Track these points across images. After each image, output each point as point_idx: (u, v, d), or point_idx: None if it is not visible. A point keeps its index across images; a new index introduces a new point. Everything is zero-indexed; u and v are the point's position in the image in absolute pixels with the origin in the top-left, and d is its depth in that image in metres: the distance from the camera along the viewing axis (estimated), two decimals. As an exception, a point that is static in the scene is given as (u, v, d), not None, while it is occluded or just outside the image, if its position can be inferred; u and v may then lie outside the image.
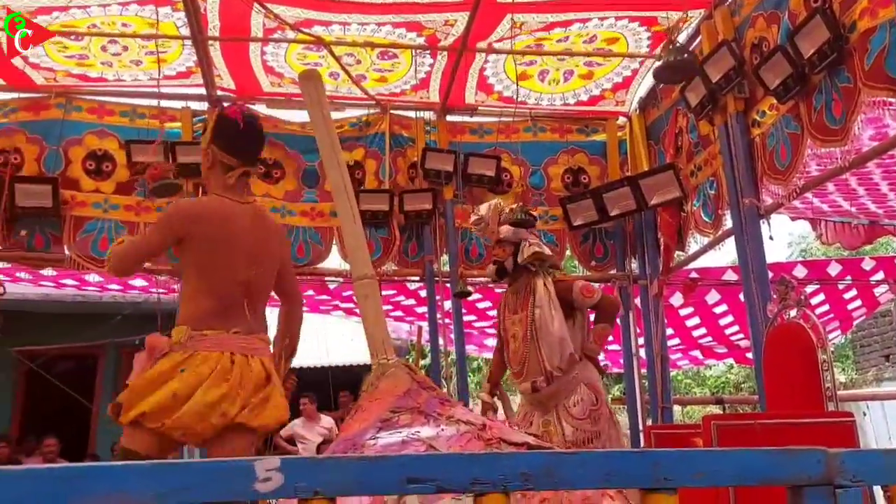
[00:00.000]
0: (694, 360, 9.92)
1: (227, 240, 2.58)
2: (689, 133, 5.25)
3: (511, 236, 4.00)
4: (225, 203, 2.63)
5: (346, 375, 9.15)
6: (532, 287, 3.90)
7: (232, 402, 2.39)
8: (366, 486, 1.12)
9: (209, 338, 2.46)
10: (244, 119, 2.65)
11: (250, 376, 2.44)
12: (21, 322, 9.19)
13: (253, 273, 2.58)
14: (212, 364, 2.41)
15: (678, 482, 1.06)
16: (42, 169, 5.39)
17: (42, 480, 1.02)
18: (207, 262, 2.56)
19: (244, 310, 2.54)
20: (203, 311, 2.50)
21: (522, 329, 3.90)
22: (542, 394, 3.79)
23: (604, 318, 3.91)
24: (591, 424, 3.67)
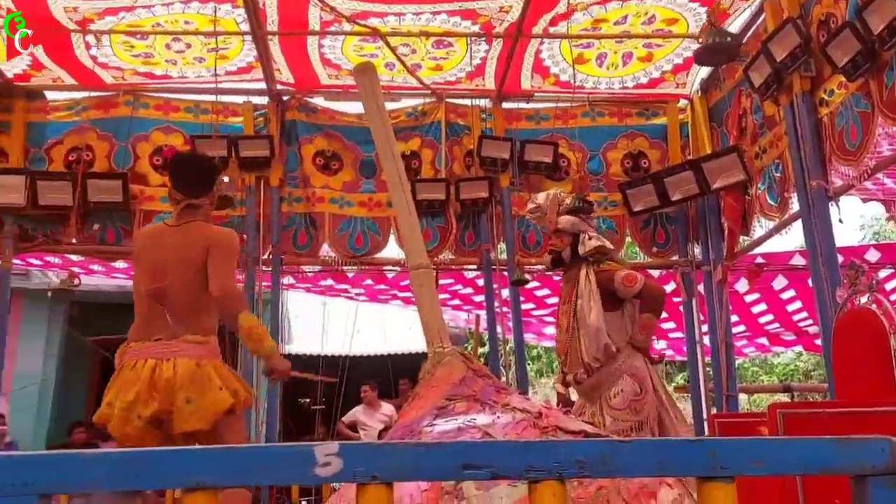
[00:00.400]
0: (760, 348, 9.67)
1: (137, 261, 3.06)
2: (753, 114, 5.10)
3: (569, 227, 3.98)
4: (155, 228, 3.14)
5: (405, 363, 9.24)
6: (578, 277, 3.89)
7: (145, 404, 2.70)
8: (422, 471, 1.13)
9: (132, 349, 2.84)
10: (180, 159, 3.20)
11: (162, 379, 2.71)
12: (95, 313, 9.61)
13: (164, 283, 2.86)
14: (127, 372, 2.77)
15: (735, 471, 1.04)
16: (112, 165, 5.60)
17: (118, 463, 1.07)
18: (133, 280, 3.04)
19: (165, 318, 2.81)
20: (132, 327, 2.92)
21: (566, 320, 3.91)
22: (584, 385, 3.79)
23: (648, 307, 3.84)
24: (632, 415, 3.64)
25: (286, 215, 5.76)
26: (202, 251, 2.93)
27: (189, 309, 2.90)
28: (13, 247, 5.39)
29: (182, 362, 2.77)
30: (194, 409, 2.73)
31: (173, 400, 2.72)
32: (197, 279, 2.91)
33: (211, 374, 2.80)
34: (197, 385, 2.75)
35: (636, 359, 3.79)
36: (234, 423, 2.88)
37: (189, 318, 2.88)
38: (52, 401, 9.47)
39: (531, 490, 1.10)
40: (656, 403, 3.74)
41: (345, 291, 7.61)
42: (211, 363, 2.85)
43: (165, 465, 1.07)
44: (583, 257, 3.91)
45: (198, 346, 2.84)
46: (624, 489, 1.68)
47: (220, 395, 2.78)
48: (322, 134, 5.90)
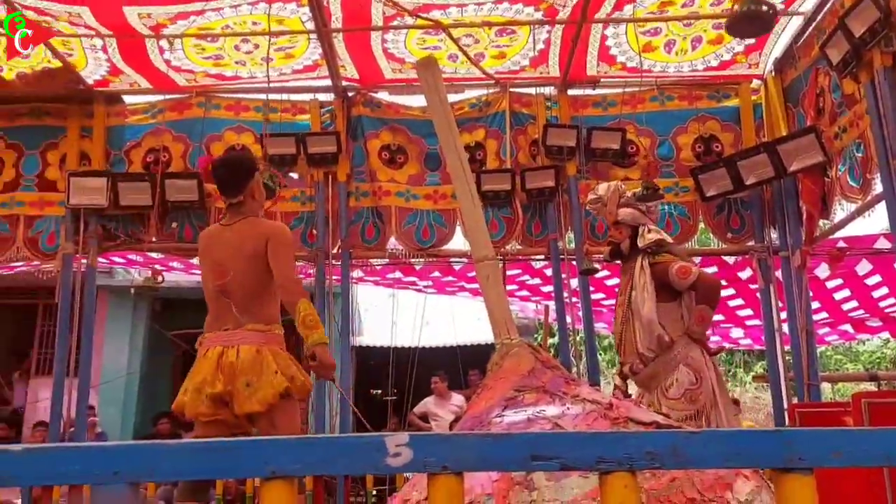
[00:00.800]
0: (844, 335, 9.32)
1: (202, 260, 3.37)
2: (831, 93, 4.89)
3: (630, 219, 4.01)
4: (213, 228, 3.40)
5: (474, 354, 9.27)
6: (634, 269, 3.94)
7: (210, 385, 2.96)
8: (491, 462, 1.14)
9: (206, 340, 3.13)
10: (213, 165, 3.37)
11: (230, 364, 2.97)
12: (177, 308, 9.98)
13: (227, 279, 3.11)
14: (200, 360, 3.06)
15: (813, 462, 1.01)
16: (187, 165, 5.80)
17: (200, 452, 1.12)
18: (202, 279, 3.32)
19: (231, 310, 3.07)
20: (206, 320, 3.21)
21: (622, 311, 3.96)
22: (640, 376, 3.83)
23: (702, 299, 3.85)
24: (688, 404, 3.66)
25: (354, 210, 5.85)
26: (257, 245, 3.13)
27: (251, 300, 3.10)
28: (97, 246, 5.65)
29: (244, 348, 2.99)
30: (252, 392, 2.94)
31: (235, 383, 2.95)
32: (254, 272, 3.12)
33: (269, 360, 2.99)
34: (256, 370, 2.96)
35: (693, 349, 3.79)
36: (289, 407, 3.04)
37: (252, 308, 3.09)
38: (137, 393, 9.89)
39: (602, 481, 1.10)
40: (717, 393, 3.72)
41: (413, 284, 7.69)
42: (270, 349, 3.04)
43: (243, 455, 1.11)
44: (641, 249, 3.94)
45: (259, 334, 3.05)
46: (698, 480, 1.66)
47: (276, 378, 2.96)
48: (387, 128, 5.96)
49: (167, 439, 4.65)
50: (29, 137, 5.85)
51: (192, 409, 3.02)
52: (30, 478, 1.06)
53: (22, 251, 5.68)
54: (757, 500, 1.70)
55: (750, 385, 15.07)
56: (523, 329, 9.42)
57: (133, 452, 1.10)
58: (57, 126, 5.87)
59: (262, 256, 3.14)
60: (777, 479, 1.04)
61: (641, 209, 4.10)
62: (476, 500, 1.72)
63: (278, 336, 3.16)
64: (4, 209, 5.71)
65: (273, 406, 2.96)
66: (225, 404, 3.01)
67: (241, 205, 3.27)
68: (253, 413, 2.97)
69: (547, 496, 1.66)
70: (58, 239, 5.66)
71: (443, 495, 1.10)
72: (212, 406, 2.99)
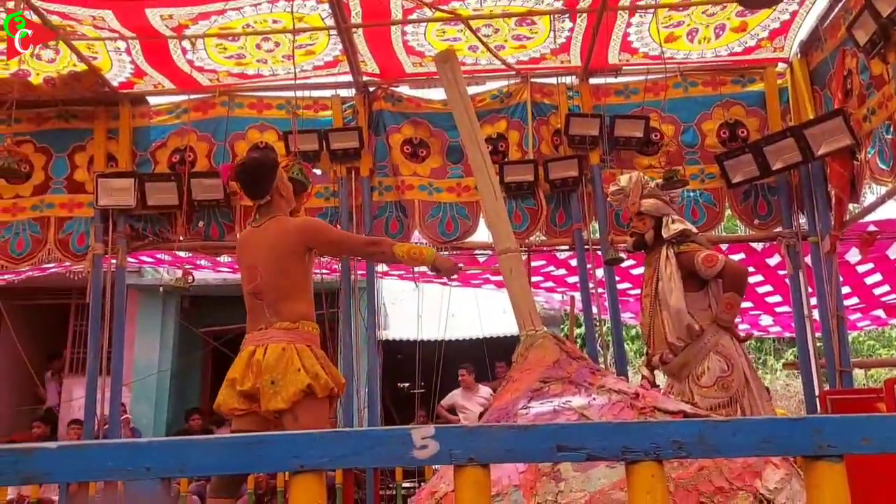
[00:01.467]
0: (876, 321, 9.18)
1: (239, 261, 3.43)
2: (859, 74, 4.80)
3: (653, 210, 4.02)
4: (245, 233, 3.43)
5: (501, 346, 9.28)
6: (659, 259, 3.95)
7: (241, 382, 3.05)
8: (518, 453, 1.15)
9: (245, 339, 3.20)
10: (235, 170, 3.44)
11: (257, 362, 3.04)
12: (205, 305, 10.11)
13: (259, 280, 3.18)
14: (237, 359, 3.15)
15: (843, 449, 1.00)
16: (212, 164, 5.85)
17: (231, 447, 1.14)
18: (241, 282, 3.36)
19: (264, 311, 3.14)
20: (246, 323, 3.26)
21: (649, 302, 3.96)
22: (671, 365, 3.83)
23: (730, 286, 3.85)
24: (720, 392, 3.66)
25: (377, 204, 5.87)
26: (287, 243, 3.20)
27: (281, 299, 3.16)
28: (126, 246, 5.74)
29: (272, 347, 3.05)
30: (277, 390, 2.99)
31: (261, 380, 3.02)
32: (284, 270, 3.18)
33: (293, 357, 3.04)
34: (280, 367, 3.02)
35: (722, 337, 3.80)
36: (314, 406, 3.06)
37: (281, 307, 3.15)
38: (169, 390, 10.03)
39: (629, 471, 1.10)
40: (747, 380, 3.72)
41: (437, 277, 7.69)
42: (297, 347, 3.08)
43: (271, 450, 1.13)
44: (665, 240, 3.95)
45: (287, 332, 3.11)
46: (726, 469, 1.65)
47: (298, 376, 3.01)
48: (409, 122, 5.96)
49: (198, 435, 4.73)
50: (57, 141, 5.95)
51: (226, 405, 3.12)
52: (64, 474, 1.08)
53: (53, 252, 5.79)
54: (787, 489, 1.69)
55: (780, 372, 14.90)
56: (549, 320, 9.39)
57: (164, 448, 1.12)
58: (84, 129, 5.96)
59: (291, 254, 3.19)
60: (807, 467, 1.03)
61: (664, 199, 4.11)
62: (503, 492, 1.72)
63: (308, 333, 3.18)
64: (35, 211, 5.82)
65: (296, 403, 2.99)
66: (256, 400, 3.07)
67: (269, 205, 3.32)
68: (278, 410, 3.01)
69: (574, 487, 1.66)
70: (87, 239, 5.75)
71: (469, 487, 1.11)
72: (244, 402, 3.08)
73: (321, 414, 3.13)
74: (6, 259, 5.77)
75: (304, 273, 3.25)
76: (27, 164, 5.80)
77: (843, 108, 4.88)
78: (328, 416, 3.27)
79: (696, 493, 1.63)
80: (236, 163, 3.58)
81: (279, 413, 3.02)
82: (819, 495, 1.02)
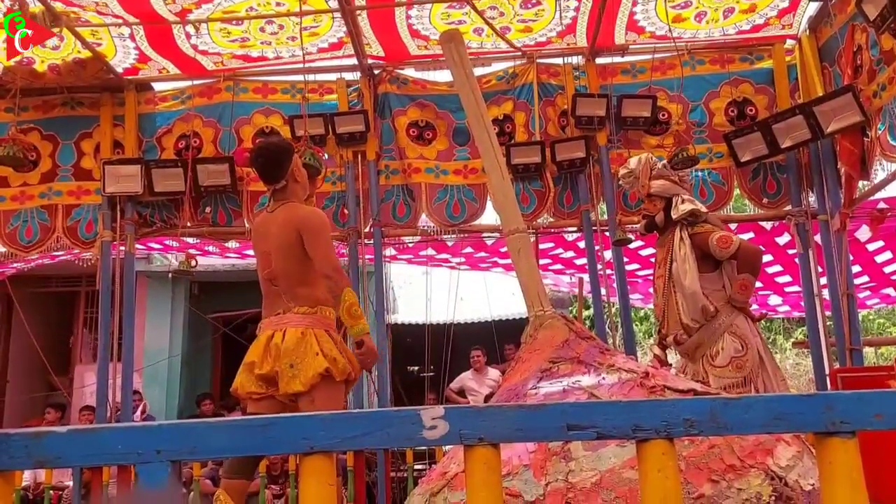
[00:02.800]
0: (886, 299, 9.13)
1: (255, 247, 3.47)
2: (869, 50, 4.74)
3: (662, 191, 4.01)
4: (260, 219, 3.46)
5: (509, 328, 9.29)
6: (673, 241, 3.93)
7: (259, 365, 3.08)
8: (527, 433, 1.14)
9: (263, 324, 3.25)
10: (250, 156, 3.47)
11: (276, 346, 3.07)
12: (214, 290, 10.15)
13: (274, 266, 3.22)
14: (254, 343, 3.18)
15: (856, 425, 1.00)
16: (218, 149, 5.85)
17: (241, 429, 1.14)
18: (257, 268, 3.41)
19: (280, 296, 3.19)
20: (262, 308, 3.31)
21: (662, 283, 3.96)
22: (685, 346, 3.84)
23: (744, 267, 3.86)
24: (735, 372, 3.68)
25: (384, 188, 5.86)
26: (295, 232, 3.21)
27: (297, 285, 3.19)
28: (134, 232, 5.76)
29: (290, 332, 3.08)
30: (295, 374, 3.03)
31: (280, 364, 3.05)
32: (295, 258, 3.20)
33: (312, 342, 3.07)
34: (299, 352, 3.05)
35: (736, 317, 3.81)
36: (331, 389, 3.09)
37: (298, 292, 3.18)
38: (180, 375, 10.09)
39: (639, 449, 1.09)
40: (762, 360, 3.74)
41: (446, 261, 7.69)
42: (314, 332, 3.11)
43: (281, 432, 1.13)
44: (676, 221, 3.94)
45: (305, 317, 3.14)
46: (737, 447, 1.64)
47: (317, 360, 3.04)
48: (414, 104, 5.93)
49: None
50: (63, 128, 5.95)
51: (244, 388, 3.15)
52: (74, 458, 1.09)
53: (62, 240, 5.81)
54: (798, 466, 1.68)
55: (790, 351, 14.87)
56: (557, 302, 9.39)
57: (174, 431, 1.13)
58: (90, 116, 5.96)
59: (298, 244, 3.21)
60: (819, 444, 1.02)
61: (674, 179, 4.09)
62: (513, 472, 1.72)
63: (326, 318, 3.22)
64: (43, 199, 5.83)
65: (314, 386, 3.02)
66: (274, 383, 3.10)
67: (284, 189, 3.35)
68: (295, 393, 3.04)
69: (584, 466, 1.66)
70: (96, 227, 5.77)
71: (480, 467, 1.11)
72: (262, 385, 3.12)
73: (338, 397, 3.15)
74: (15, 247, 5.80)
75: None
76: (34, 151, 5.81)
77: (853, 85, 4.82)
78: (343, 399, 3.29)
79: (707, 471, 1.63)
80: (253, 147, 3.59)
81: (296, 396, 3.05)
82: (832, 472, 1.01)
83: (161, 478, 1.08)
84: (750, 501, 1.61)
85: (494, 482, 1.10)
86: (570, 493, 1.64)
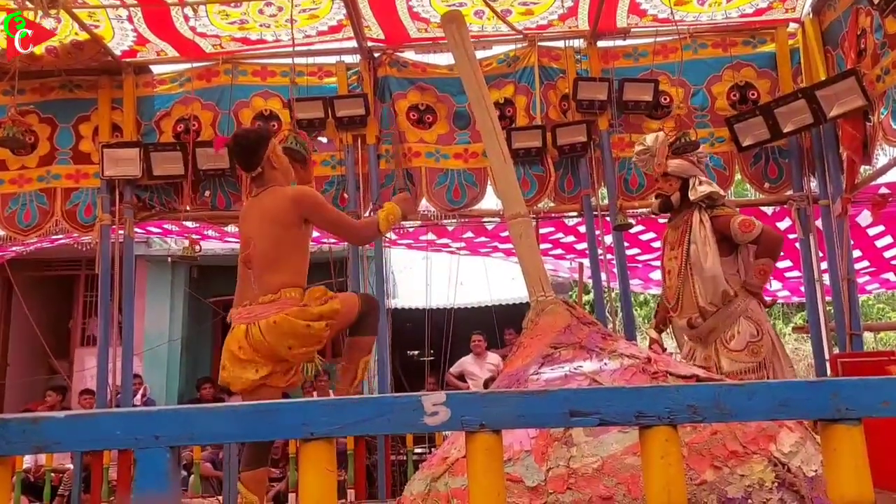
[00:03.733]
0: (885, 284, 9.12)
1: (239, 231, 3.38)
2: (873, 33, 4.70)
3: (680, 171, 3.91)
4: (245, 204, 3.42)
5: (509, 313, 9.29)
6: (690, 223, 3.84)
7: (254, 368, 3.03)
8: (529, 419, 1.14)
9: (234, 314, 3.20)
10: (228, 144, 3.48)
11: (256, 340, 3.01)
12: (214, 274, 10.14)
13: (251, 249, 3.15)
14: (230, 337, 3.14)
15: (862, 412, 0.99)
16: (217, 133, 5.81)
17: (241, 415, 1.13)
18: None
19: (251, 283, 3.14)
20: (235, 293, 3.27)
21: (677, 265, 3.87)
22: (699, 329, 3.77)
23: (765, 252, 3.78)
24: (750, 356, 3.62)
25: (384, 172, 5.83)
26: (279, 211, 3.18)
27: (266, 268, 3.15)
28: (133, 216, 5.74)
29: (264, 324, 3.03)
30: (299, 346, 3.04)
31: (279, 354, 3.03)
32: (273, 238, 3.16)
33: (293, 323, 3.03)
34: (287, 333, 3.02)
35: (751, 301, 3.75)
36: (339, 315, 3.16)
37: (266, 278, 3.14)
38: (180, 359, 10.11)
39: (642, 435, 1.08)
40: (773, 346, 3.69)
41: (446, 246, 7.68)
42: (284, 314, 3.05)
43: (281, 418, 1.12)
44: (692, 202, 3.85)
45: (269, 306, 3.09)
46: (740, 433, 1.63)
47: (312, 329, 3.05)
48: (414, 88, 5.89)
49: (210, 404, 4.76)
50: (61, 111, 5.92)
51: (237, 387, 3.11)
52: (73, 442, 1.08)
53: (61, 224, 5.79)
54: (801, 452, 1.68)
55: (790, 336, 14.90)
56: (558, 287, 9.38)
57: (173, 417, 1.12)
58: (88, 99, 5.92)
59: (284, 223, 3.16)
60: (824, 431, 1.01)
61: (692, 160, 3.98)
62: (515, 457, 1.72)
63: (291, 299, 3.13)
64: (42, 183, 5.81)
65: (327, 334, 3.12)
66: (279, 360, 3.07)
67: (261, 177, 3.31)
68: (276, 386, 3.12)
69: (586, 452, 1.66)
70: (95, 210, 5.75)
71: (481, 453, 1.10)
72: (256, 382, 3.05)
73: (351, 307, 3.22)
74: (14, 230, 5.78)
75: (296, 244, 3.20)
76: (32, 134, 5.78)
77: (856, 69, 4.79)
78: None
79: (709, 458, 1.62)
80: (230, 137, 3.56)
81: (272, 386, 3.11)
82: (837, 459, 1.00)
83: (160, 463, 1.07)
84: (752, 488, 1.61)
85: (496, 468, 1.10)
86: (571, 479, 1.64)
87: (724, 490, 1.61)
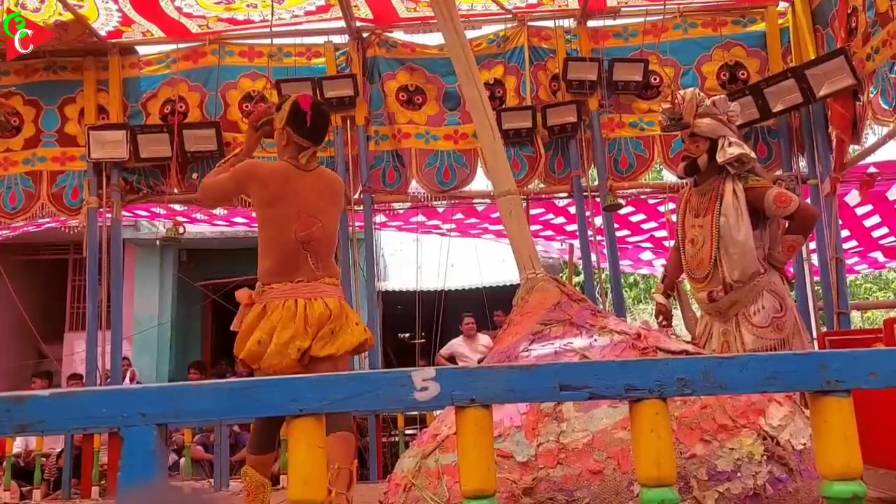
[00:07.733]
0: (873, 263, 9.19)
1: (286, 201, 2.92)
2: (865, 11, 4.69)
3: (708, 131, 3.63)
4: (289, 168, 2.96)
5: (499, 295, 9.29)
6: (720, 191, 3.58)
7: (303, 338, 2.80)
8: (520, 393, 1.13)
9: (275, 290, 2.88)
10: (313, 109, 2.98)
11: (315, 315, 2.82)
12: (201, 258, 10.09)
13: (314, 228, 2.91)
14: (280, 312, 2.84)
15: (851, 384, 0.99)
16: (204, 114, 5.76)
17: (228, 392, 1.12)
18: (270, 222, 2.92)
19: (308, 261, 2.88)
20: (267, 269, 2.91)
21: (704, 235, 3.63)
22: (720, 303, 3.58)
23: (798, 229, 3.57)
24: (774, 332, 3.44)
25: (374, 154, 5.80)
26: (335, 195, 3.07)
27: (327, 253, 3.00)
28: (121, 199, 5.69)
29: (330, 301, 2.90)
30: (334, 338, 2.89)
31: (321, 331, 2.87)
32: (335, 223, 3.07)
33: (349, 312, 2.98)
34: (341, 319, 2.91)
35: (774, 276, 3.57)
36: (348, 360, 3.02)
37: (327, 261, 2.99)
38: (169, 342, 10.09)
39: (632, 409, 1.08)
40: (795, 322, 3.56)
41: (436, 227, 7.66)
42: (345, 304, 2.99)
43: (270, 394, 1.11)
44: (720, 166, 3.60)
45: (336, 289, 2.99)
46: (730, 407, 1.64)
47: (357, 329, 2.95)
48: (403, 68, 5.85)
49: (200, 386, 4.76)
50: (46, 93, 5.85)
51: (272, 362, 2.83)
52: (58, 422, 1.06)
53: (47, 207, 5.75)
54: (790, 425, 1.69)
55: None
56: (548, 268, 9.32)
57: (160, 394, 1.11)
58: (73, 80, 5.86)
59: (340, 207, 3.11)
60: (814, 403, 1.01)
61: (722, 119, 3.68)
62: (505, 433, 1.72)
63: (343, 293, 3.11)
64: (27, 165, 5.75)
65: (347, 351, 2.93)
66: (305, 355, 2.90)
67: (315, 154, 3.09)
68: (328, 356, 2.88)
69: (576, 427, 1.66)
70: (81, 193, 5.70)
71: (472, 428, 1.09)
72: (295, 360, 2.84)
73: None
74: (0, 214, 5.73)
75: None
76: (16, 116, 5.71)
77: (845, 48, 4.79)
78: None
79: (699, 431, 1.63)
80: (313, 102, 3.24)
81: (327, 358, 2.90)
82: (826, 430, 1.01)
83: (146, 441, 1.06)
84: (742, 461, 1.62)
85: (486, 443, 1.09)
86: (561, 454, 1.65)
87: (714, 463, 1.62)
